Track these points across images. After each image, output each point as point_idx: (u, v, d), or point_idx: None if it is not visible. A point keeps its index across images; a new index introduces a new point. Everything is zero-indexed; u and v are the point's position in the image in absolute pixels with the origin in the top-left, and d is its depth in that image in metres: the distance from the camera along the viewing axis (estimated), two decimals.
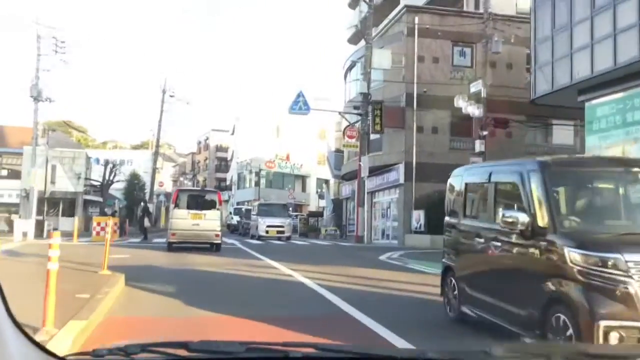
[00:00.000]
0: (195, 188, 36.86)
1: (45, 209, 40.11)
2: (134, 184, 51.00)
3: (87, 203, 42.56)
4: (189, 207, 18.07)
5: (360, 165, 26.61)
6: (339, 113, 28.43)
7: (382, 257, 17.20)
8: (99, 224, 21.45)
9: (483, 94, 22.72)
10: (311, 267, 13.04)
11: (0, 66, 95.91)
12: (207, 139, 77.11)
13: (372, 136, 28.28)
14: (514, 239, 5.54)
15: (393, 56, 27.14)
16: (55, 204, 40.47)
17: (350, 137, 27.10)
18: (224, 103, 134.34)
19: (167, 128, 71.37)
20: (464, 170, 7.83)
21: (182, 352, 1.55)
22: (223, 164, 75.51)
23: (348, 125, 27.42)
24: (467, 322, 6.54)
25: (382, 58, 26.78)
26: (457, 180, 7.67)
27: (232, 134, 68.45)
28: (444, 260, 7.59)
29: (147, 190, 54.51)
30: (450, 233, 7.58)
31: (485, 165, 8.42)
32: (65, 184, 39.47)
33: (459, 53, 28.30)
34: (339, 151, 39.24)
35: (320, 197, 54.09)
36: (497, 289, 5.99)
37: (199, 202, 18.46)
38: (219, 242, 17.87)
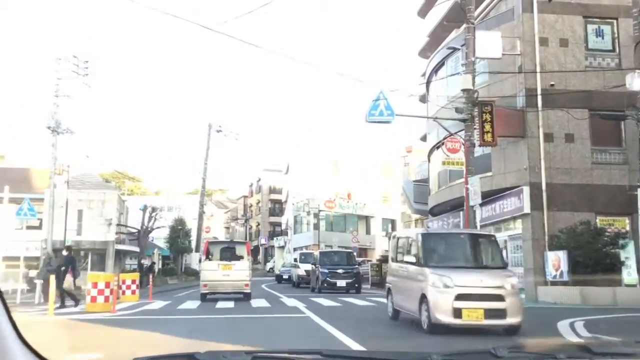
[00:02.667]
0: (224, 240, 32.46)
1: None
2: (178, 230, 44.26)
3: (122, 254, 35.93)
4: (219, 259, 18.50)
5: (467, 189, 18.73)
6: (434, 119, 20.76)
7: (568, 334, 9.13)
8: (95, 285, 14.07)
9: None
10: None
11: (29, 104, 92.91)
12: (259, 180, 70.50)
13: (476, 152, 20.49)
14: None
15: (503, 41, 19.55)
16: (85, 256, 33.96)
17: (453, 150, 19.32)
18: (275, 141, 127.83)
19: (218, 172, 65.17)
20: None
21: None
22: (277, 207, 68.55)
23: (447, 136, 19.67)
24: None
25: (490, 43, 19.17)
26: None
27: (286, 173, 61.61)
28: None
29: (194, 237, 47.79)
30: None
31: None
32: (93, 232, 33.02)
33: (594, 32, 20.41)
34: (420, 182, 31.47)
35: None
36: None
37: (228, 253, 18.81)
38: (249, 291, 18.18)
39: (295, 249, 56.78)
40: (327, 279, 22.91)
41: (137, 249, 37.11)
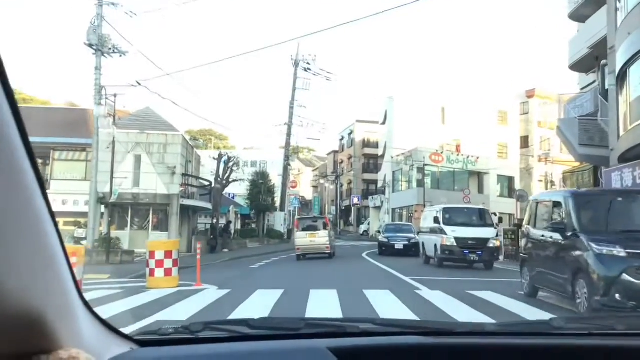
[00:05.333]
0: (309, 216, 31.48)
1: (129, 219, 27.09)
2: (260, 185, 36.94)
3: (190, 210, 28.99)
4: (307, 229, 23.38)
5: None
6: None
7: None
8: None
9: None
10: None
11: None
12: (352, 133, 62.09)
13: None
14: None
15: None
16: (145, 213, 27.24)
17: None
18: (369, 86, 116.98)
19: (306, 127, 57.39)
20: None
21: (244, 329, 1.58)
22: (372, 163, 60.10)
23: None
24: None
25: None
26: None
27: (383, 123, 52.88)
28: None
29: (278, 194, 40.48)
30: None
31: None
32: (154, 183, 26.13)
33: None
34: (590, 118, 22.13)
35: (520, 198, 36.69)
36: None
37: (312, 225, 23.73)
38: (329, 252, 22.84)
39: (393, 210, 48.58)
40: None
41: (209, 206, 30.08)
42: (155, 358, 1.37)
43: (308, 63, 39.65)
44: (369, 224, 55.38)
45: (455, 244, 18.07)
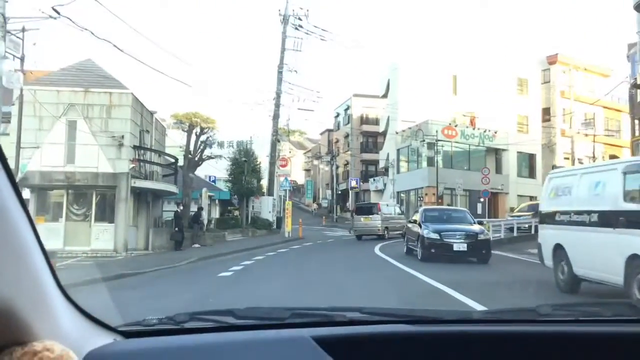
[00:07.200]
0: (364, 203, 33.30)
1: (65, 207, 20.09)
2: (242, 163, 29.97)
3: (149, 195, 22.07)
4: (362, 214, 27.87)
5: None
6: None
7: None
8: None
9: None
10: None
11: None
12: (348, 108, 55.07)
13: None
14: None
15: None
16: (88, 199, 20.26)
17: None
18: (369, 54, 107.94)
19: (297, 99, 50.29)
20: None
21: (229, 319, 1.54)
22: (371, 141, 53.25)
23: None
24: None
25: None
26: None
27: (385, 95, 45.96)
28: None
29: (265, 177, 33.66)
30: None
31: None
32: (95, 160, 19.19)
33: None
34: None
35: None
36: None
37: (367, 210, 28.18)
38: (382, 233, 26.67)
39: (398, 193, 41.88)
40: None
41: (175, 189, 23.12)
42: (140, 349, 1.32)
43: (299, 19, 32.59)
44: None
45: None
